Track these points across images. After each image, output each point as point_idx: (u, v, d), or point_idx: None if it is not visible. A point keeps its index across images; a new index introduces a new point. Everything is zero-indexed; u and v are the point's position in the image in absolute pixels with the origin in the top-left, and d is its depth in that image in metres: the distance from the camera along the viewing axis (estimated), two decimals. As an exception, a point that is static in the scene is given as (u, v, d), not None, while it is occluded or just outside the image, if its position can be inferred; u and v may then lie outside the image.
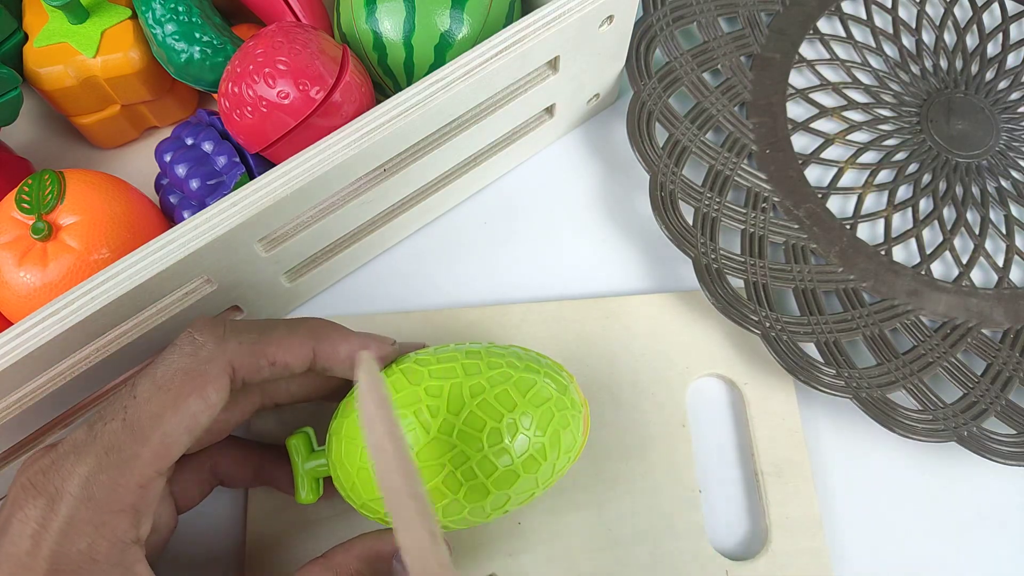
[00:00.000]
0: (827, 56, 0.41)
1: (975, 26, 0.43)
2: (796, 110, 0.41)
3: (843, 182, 0.39)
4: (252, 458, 0.29)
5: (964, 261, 0.37)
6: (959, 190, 0.38)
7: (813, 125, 0.40)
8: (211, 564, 0.31)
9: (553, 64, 0.33)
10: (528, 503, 0.28)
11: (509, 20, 0.35)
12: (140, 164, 0.39)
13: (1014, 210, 0.38)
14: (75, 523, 0.21)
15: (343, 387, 0.29)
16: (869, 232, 0.38)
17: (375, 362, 0.24)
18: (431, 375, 0.26)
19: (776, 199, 0.36)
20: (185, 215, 0.33)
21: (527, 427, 0.25)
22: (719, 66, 0.39)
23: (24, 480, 0.21)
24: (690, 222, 0.35)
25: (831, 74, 0.41)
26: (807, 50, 0.41)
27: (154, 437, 0.22)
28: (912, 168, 0.39)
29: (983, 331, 0.34)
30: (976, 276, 0.37)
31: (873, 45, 0.42)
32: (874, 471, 0.33)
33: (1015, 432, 0.32)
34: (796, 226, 0.36)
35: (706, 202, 0.36)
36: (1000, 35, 0.43)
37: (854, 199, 0.38)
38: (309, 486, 0.27)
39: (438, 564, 0.20)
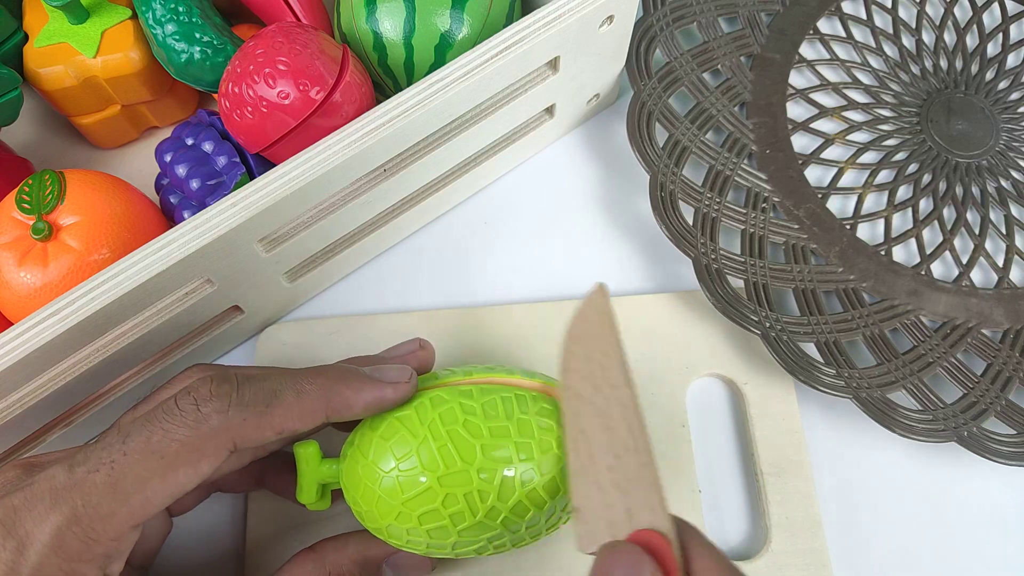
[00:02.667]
0: (827, 56, 0.41)
1: (975, 26, 0.43)
2: (796, 110, 0.41)
3: (843, 182, 0.39)
4: (253, 469, 0.29)
5: (964, 261, 0.37)
6: (959, 190, 0.38)
7: (813, 125, 0.40)
8: (211, 566, 0.31)
9: (553, 64, 0.33)
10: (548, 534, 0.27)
11: (509, 20, 0.35)
12: (140, 164, 0.39)
13: (1014, 210, 0.38)
14: (44, 569, 0.21)
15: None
16: (869, 232, 0.38)
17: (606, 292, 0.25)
18: (463, 394, 0.25)
19: (776, 199, 0.36)
20: (185, 215, 0.33)
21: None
22: (719, 66, 0.39)
23: None
24: (690, 222, 0.35)
25: (831, 74, 0.41)
26: (807, 50, 0.41)
27: (135, 499, 0.22)
28: (912, 168, 0.39)
29: (983, 331, 0.34)
30: (976, 276, 0.37)
31: (873, 45, 0.42)
32: (874, 471, 0.33)
33: (1015, 432, 0.32)
34: (796, 226, 0.36)
35: (706, 202, 0.36)
36: (1000, 35, 0.43)
37: (854, 199, 0.38)
38: (316, 491, 0.27)
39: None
